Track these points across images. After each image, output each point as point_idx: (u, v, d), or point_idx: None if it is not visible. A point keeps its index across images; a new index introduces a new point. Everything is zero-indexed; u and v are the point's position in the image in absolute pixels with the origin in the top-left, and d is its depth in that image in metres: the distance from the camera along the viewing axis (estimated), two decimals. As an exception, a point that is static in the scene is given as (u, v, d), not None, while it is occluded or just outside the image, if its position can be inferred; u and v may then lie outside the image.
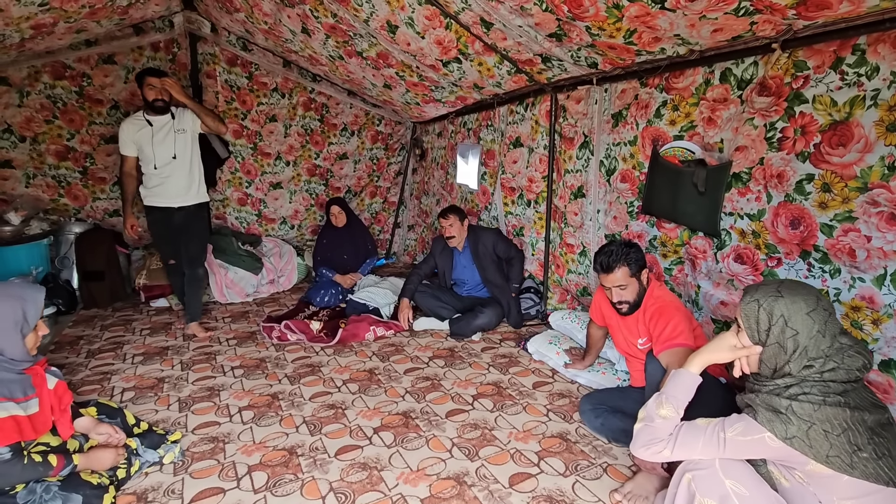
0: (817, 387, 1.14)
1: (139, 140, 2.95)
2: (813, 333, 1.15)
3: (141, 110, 2.99)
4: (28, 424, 1.56)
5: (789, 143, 1.79)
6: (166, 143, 2.96)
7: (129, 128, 2.96)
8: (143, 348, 3.01)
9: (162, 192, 3.01)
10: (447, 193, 4.46)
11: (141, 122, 2.95)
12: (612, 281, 1.93)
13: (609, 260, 1.92)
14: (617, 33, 1.97)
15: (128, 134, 2.95)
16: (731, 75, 1.96)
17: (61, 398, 1.73)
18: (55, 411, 1.68)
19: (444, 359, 2.86)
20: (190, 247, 3.13)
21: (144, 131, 2.94)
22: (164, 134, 2.96)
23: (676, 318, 1.83)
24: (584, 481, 1.80)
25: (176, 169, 2.99)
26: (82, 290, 3.78)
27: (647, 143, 2.37)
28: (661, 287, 2.04)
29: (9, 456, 1.47)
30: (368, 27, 2.86)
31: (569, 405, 2.33)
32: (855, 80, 1.59)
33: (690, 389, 1.32)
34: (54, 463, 1.57)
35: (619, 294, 1.96)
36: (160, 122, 2.96)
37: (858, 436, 1.08)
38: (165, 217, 3.05)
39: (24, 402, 1.56)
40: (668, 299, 1.95)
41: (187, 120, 3.04)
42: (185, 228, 3.09)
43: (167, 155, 2.97)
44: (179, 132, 3.00)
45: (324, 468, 1.88)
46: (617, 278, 1.92)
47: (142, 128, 2.95)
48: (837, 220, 1.68)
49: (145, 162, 2.98)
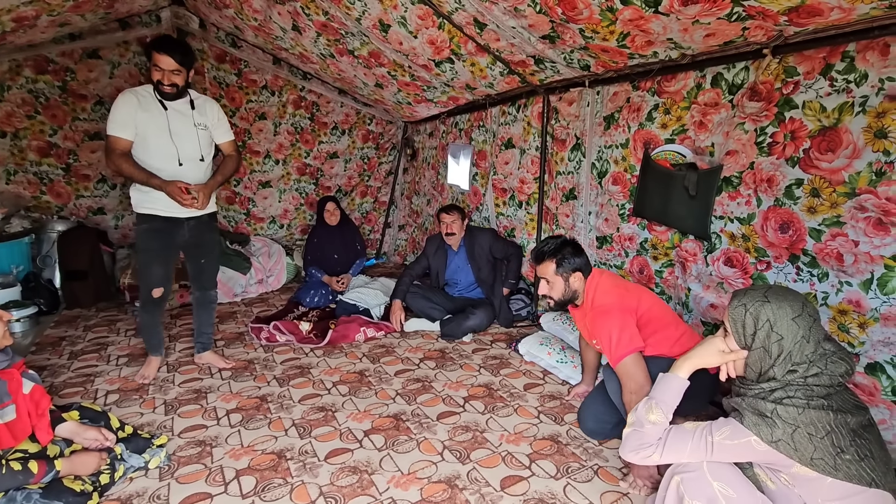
0: (801, 390, 1.15)
1: (144, 126, 2.20)
2: (797, 339, 1.17)
3: (150, 84, 2.24)
4: (6, 432, 1.51)
5: (779, 147, 1.81)
6: (184, 137, 2.29)
7: (132, 103, 2.18)
8: (127, 349, 2.95)
9: (166, 198, 2.26)
10: (438, 194, 4.44)
11: (151, 102, 2.22)
12: (540, 272, 1.97)
13: (540, 250, 1.96)
14: (610, 36, 1.97)
15: (128, 111, 2.17)
16: (723, 80, 1.98)
17: (38, 403, 1.68)
18: (32, 416, 1.64)
19: (434, 360, 2.85)
20: (204, 265, 2.57)
21: (155, 116, 2.22)
22: (182, 125, 2.28)
23: (610, 327, 1.76)
24: (575, 483, 1.80)
25: (188, 171, 2.30)
26: (65, 290, 3.70)
27: (639, 146, 2.38)
28: (600, 289, 1.92)
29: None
30: (360, 26, 2.84)
31: (560, 407, 2.33)
32: (844, 87, 1.61)
33: (679, 393, 1.33)
34: (35, 470, 1.53)
35: (543, 287, 1.98)
36: (178, 108, 2.28)
37: (842, 438, 1.10)
38: (168, 230, 2.35)
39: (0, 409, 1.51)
40: (605, 304, 1.85)
41: (211, 114, 2.39)
42: (197, 243, 2.48)
43: (188, 152, 2.30)
44: (201, 128, 2.33)
45: (313, 472, 1.85)
46: (543, 270, 1.94)
47: (152, 110, 2.21)
48: (826, 224, 1.70)
49: (147, 156, 2.23)
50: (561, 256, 1.91)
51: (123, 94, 2.21)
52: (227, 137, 2.48)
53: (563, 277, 1.92)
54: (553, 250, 1.92)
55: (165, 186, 2.18)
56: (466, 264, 3.33)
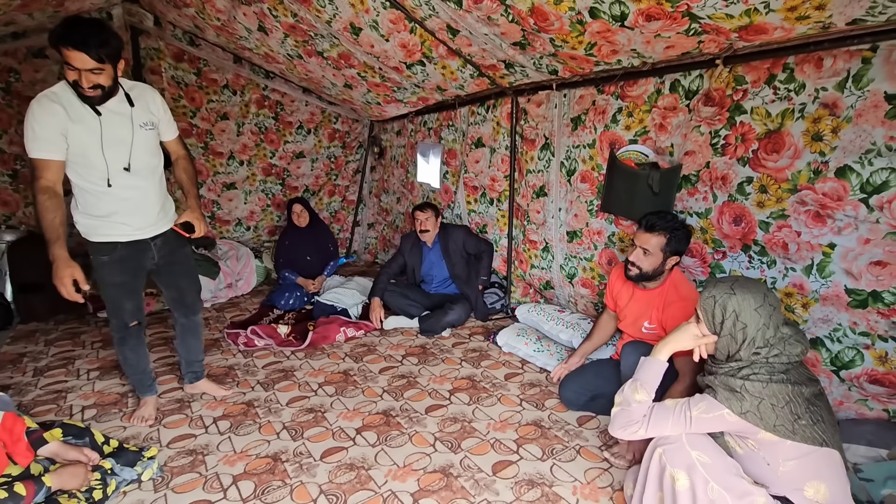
0: (764, 368, 1.33)
1: (76, 137, 1.75)
2: (759, 326, 1.34)
3: (65, 83, 1.74)
4: None
5: (731, 148, 2.00)
6: (126, 143, 1.85)
7: (59, 112, 1.70)
8: (97, 362, 2.85)
9: (128, 220, 1.92)
10: (408, 192, 4.50)
11: (77, 106, 1.74)
12: (643, 241, 1.95)
13: (655, 220, 1.93)
14: (579, 46, 2.11)
15: (57, 121, 1.70)
16: (680, 86, 2.16)
17: (11, 430, 1.62)
18: (8, 445, 1.59)
19: (417, 356, 2.93)
20: (182, 285, 2.22)
21: (85, 124, 1.76)
22: (122, 129, 1.84)
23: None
24: (560, 464, 1.94)
25: (142, 181, 1.93)
26: (18, 304, 3.50)
27: (605, 146, 2.54)
28: (685, 281, 2.03)
29: None
30: (331, 28, 2.84)
31: (539, 394, 2.48)
32: (785, 95, 1.81)
33: (659, 375, 1.48)
34: (23, 492, 1.50)
35: (637, 256, 1.97)
36: (113, 109, 1.82)
37: (798, 406, 1.28)
38: (133, 257, 2.00)
39: None
40: (691, 297, 1.95)
41: (153, 107, 1.95)
42: (170, 263, 2.14)
43: (133, 162, 1.87)
44: (145, 127, 1.90)
45: (311, 472, 1.90)
46: (649, 241, 1.93)
47: (82, 116, 1.75)
48: (773, 217, 1.90)
49: (89, 173, 1.82)
50: (674, 235, 1.91)
51: (40, 102, 1.70)
52: (173, 134, 2.09)
53: (664, 254, 1.94)
54: (670, 226, 1.91)
55: (57, 270, 1.72)
56: (441, 260, 3.42)
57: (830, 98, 1.69)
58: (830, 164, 1.71)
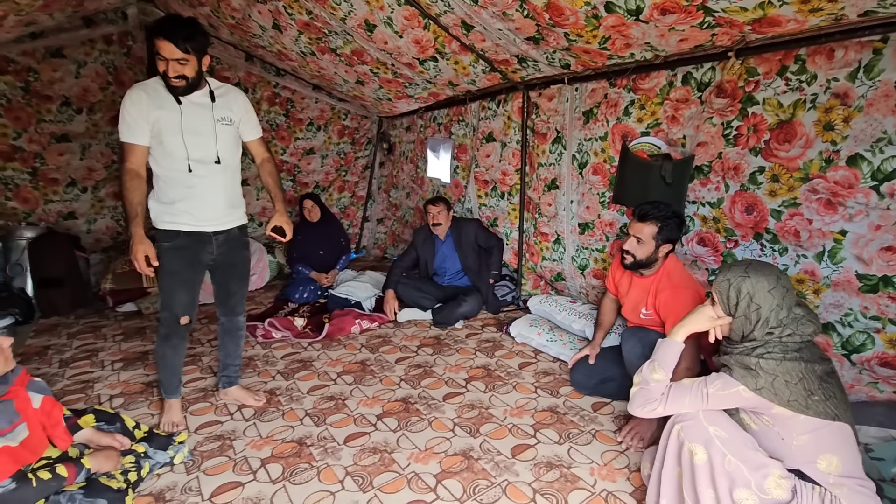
0: (778, 346, 1.38)
1: (159, 123, 1.88)
2: (773, 307, 1.39)
3: (159, 77, 1.88)
4: (22, 452, 1.50)
5: (743, 139, 2.05)
6: (204, 134, 1.94)
7: (143, 99, 1.85)
8: (120, 354, 2.93)
9: (192, 209, 1.97)
10: (418, 187, 4.55)
11: (163, 95, 1.88)
12: (636, 230, 2.02)
13: (647, 209, 2.00)
14: (593, 40, 2.15)
15: (140, 109, 1.85)
16: (692, 78, 2.20)
17: (50, 414, 1.68)
18: (47, 428, 1.65)
19: (431, 347, 2.99)
20: (233, 288, 2.22)
21: (167, 111, 1.88)
22: (200, 121, 1.93)
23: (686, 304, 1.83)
24: (577, 447, 2.00)
25: (217, 175, 1.99)
26: (39, 299, 3.57)
27: (617, 138, 2.59)
28: (679, 269, 2.08)
29: (14, 486, 1.42)
30: (345, 25, 2.90)
31: (554, 381, 2.53)
32: (797, 86, 1.85)
33: (676, 355, 1.54)
34: (65, 473, 1.56)
35: (631, 244, 2.05)
36: (194, 101, 1.92)
37: (811, 383, 1.33)
38: (194, 248, 2.02)
39: (10, 432, 1.49)
40: (682, 283, 2.00)
41: (236, 107, 2.03)
42: (228, 263, 2.15)
43: (206, 153, 1.95)
44: (223, 122, 1.98)
45: (335, 455, 1.97)
46: (641, 230, 2.01)
47: (164, 104, 1.88)
48: (784, 206, 1.95)
49: (164, 159, 1.92)
50: (665, 224, 1.97)
51: (130, 91, 1.88)
52: (256, 134, 2.13)
53: (656, 243, 2.00)
54: (661, 216, 1.97)
55: (133, 245, 1.85)
56: (454, 253, 3.48)
57: (842, 88, 1.73)
58: (842, 152, 1.76)
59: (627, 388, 1.63)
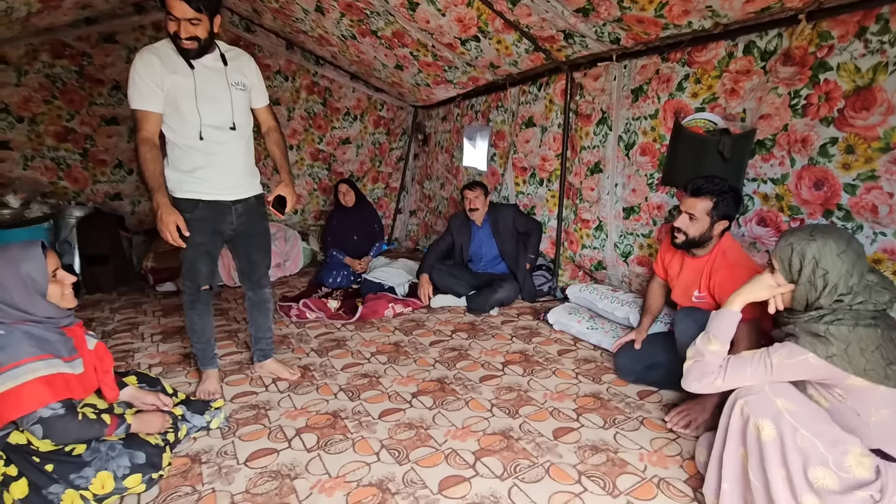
0: (849, 314, 1.24)
1: (174, 88, 1.79)
2: (842, 273, 1.25)
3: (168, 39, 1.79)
4: (76, 382, 1.54)
5: (813, 109, 1.90)
6: (219, 99, 1.86)
7: (156, 63, 1.76)
8: (159, 328, 2.97)
9: (209, 177, 1.91)
10: (453, 177, 4.50)
11: (175, 59, 1.79)
12: (689, 206, 1.90)
13: (701, 184, 1.88)
14: (649, 6, 2.05)
15: (153, 73, 1.75)
16: (755, 47, 2.07)
17: (102, 359, 1.71)
18: (98, 372, 1.67)
19: (466, 332, 2.92)
20: (255, 258, 2.17)
21: (180, 75, 1.79)
22: (215, 86, 1.85)
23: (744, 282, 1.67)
24: (624, 432, 1.88)
25: (235, 141, 1.93)
26: (85, 275, 3.69)
27: (669, 115, 2.46)
28: (735, 247, 1.96)
29: (63, 411, 1.45)
30: (387, 4, 2.88)
31: (595, 369, 2.41)
32: (878, 48, 1.70)
33: (733, 326, 1.41)
34: (108, 421, 1.57)
35: (683, 221, 1.93)
36: (207, 64, 1.84)
37: (891, 351, 1.19)
38: (213, 218, 1.97)
39: (70, 361, 1.54)
40: (740, 262, 1.88)
41: (248, 72, 1.97)
42: (248, 233, 2.10)
43: (221, 119, 1.88)
44: (238, 88, 1.91)
45: (370, 429, 1.91)
46: (695, 205, 1.89)
47: (178, 68, 1.79)
48: (860, 179, 1.79)
49: (180, 126, 1.84)
50: (721, 198, 1.85)
51: (140, 55, 1.77)
52: (264, 101, 2.06)
53: (711, 219, 1.89)
54: (717, 189, 1.85)
55: (162, 215, 1.78)
56: (491, 239, 3.40)
57: (931, 47, 1.58)
58: (929, 118, 1.60)
59: (677, 376, 1.51)
